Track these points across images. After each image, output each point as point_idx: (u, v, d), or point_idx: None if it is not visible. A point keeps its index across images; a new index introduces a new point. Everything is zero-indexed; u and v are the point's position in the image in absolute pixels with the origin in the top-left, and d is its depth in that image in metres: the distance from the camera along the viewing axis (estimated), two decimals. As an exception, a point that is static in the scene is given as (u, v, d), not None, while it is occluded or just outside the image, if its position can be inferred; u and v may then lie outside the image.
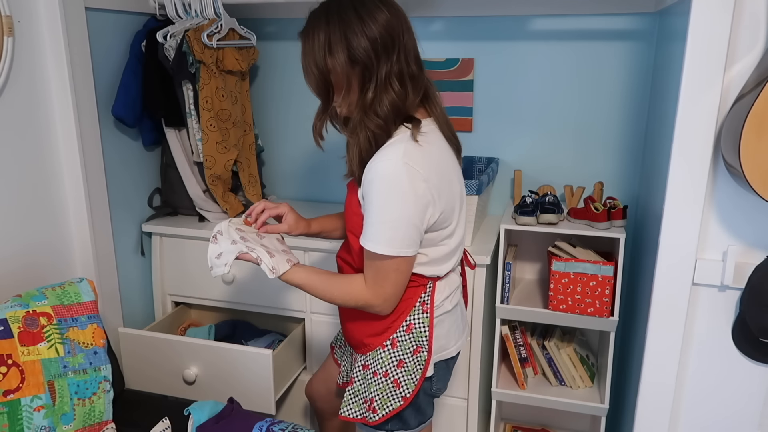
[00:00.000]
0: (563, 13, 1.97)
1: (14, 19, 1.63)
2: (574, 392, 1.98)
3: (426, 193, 1.21)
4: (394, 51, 1.20)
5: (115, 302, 2.04)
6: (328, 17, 1.19)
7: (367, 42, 1.18)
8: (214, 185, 2.06)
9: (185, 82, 1.98)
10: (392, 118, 1.23)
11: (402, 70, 1.23)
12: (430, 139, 1.26)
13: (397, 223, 1.20)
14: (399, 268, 1.25)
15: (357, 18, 1.18)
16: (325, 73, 1.22)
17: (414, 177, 1.19)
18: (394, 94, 1.22)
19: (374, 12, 1.19)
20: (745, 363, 1.48)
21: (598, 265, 1.78)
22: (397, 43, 1.21)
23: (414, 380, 1.35)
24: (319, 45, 1.19)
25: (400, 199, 1.19)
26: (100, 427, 1.55)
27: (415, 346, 1.35)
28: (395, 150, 1.20)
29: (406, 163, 1.18)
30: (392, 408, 1.35)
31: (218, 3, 1.97)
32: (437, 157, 1.27)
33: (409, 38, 1.24)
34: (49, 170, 1.80)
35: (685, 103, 1.35)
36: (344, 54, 1.18)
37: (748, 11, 1.29)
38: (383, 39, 1.19)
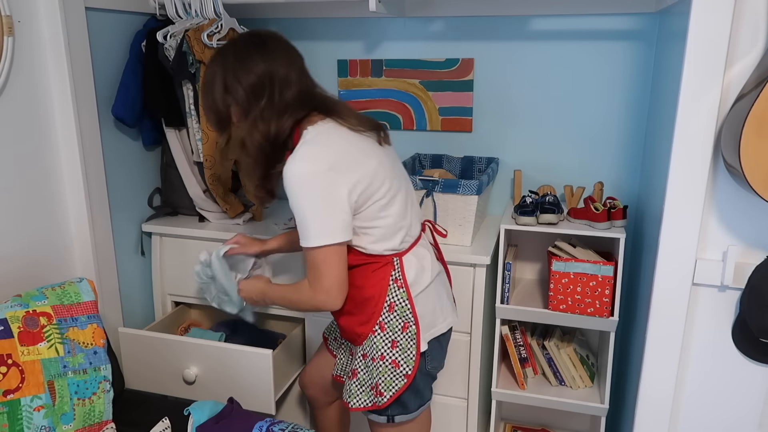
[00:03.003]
0: (563, 13, 1.97)
1: (14, 19, 1.63)
2: (574, 392, 1.99)
3: (335, 179, 1.30)
4: (263, 96, 1.35)
5: (115, 302, 2.04)
6: (222, 58, 1.38)
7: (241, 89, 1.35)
8: (214, 185, 2.06)
9: (185, 82, 1.98)
10: (265, 153, 1.39)
11: (275, 104, 1.37)
12: (329, 132, 1.36)
13: (316, 214, 1.30)
14: (328, 258, 1.32)
15: (238, 65, 1.35)
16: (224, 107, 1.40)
17: (319, 166, 1.29)
18: (260, 133, 1.37)
19: (250, 64, 1.35)
20: (745, 363, 1.48)
21: (598, 265, 1.78)
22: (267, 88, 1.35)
23: (411, 357, 1.41)
24: (217, 85, 1.38)
25: (308, 195, 1.30)
26: (100, 427, 1.55)
27: (402, 324, 1.42)
28: (300, 153, 1.32)
29: (310, 158, 1.30)
30: (397, 388, 1.41)
31: (218, 3, 1.97)
32: (340, 146, 1.35)
33: (288, 73, 1.36)
34: (49, 170, 1.80)
35: (685, 103, 1.35)
36: (223, 95, 1.38)
37: (748, 11, 1.29)
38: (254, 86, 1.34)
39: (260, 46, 1.35)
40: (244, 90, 1.34)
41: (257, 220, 2.18)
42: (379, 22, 2.16)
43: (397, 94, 2.20)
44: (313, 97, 1.41)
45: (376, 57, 2.19)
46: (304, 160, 1.30)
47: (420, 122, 2.21)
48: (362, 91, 2.24)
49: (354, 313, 1.45)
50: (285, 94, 1.35)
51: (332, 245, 1.31)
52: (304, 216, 1.31)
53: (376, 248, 1.40)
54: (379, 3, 1.81)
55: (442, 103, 2.16)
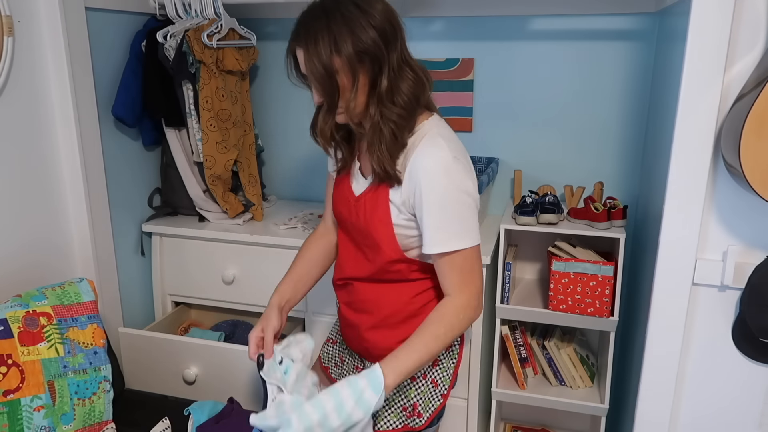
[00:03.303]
0: (563, 13, 1.97)
1: (14, 19, 1.63)
2: (574, 392, 1.98)
3: (472, 176, 1.21)
4: (397, 39, 1.18)
5: (115, 302, 2.04)
6: (328, 16, 1.14)
7: (375, 32, 1.14)
8: (214, 185, 2.06)
9: (185, 82, 1.98)
10: (412, 108, 1.21)
11: (407, 58, 1.22)
12: (449, 129, 1.26)
13: (465, 211, 1.19)
14: (479, 257, 1.23)
15: (360, 12, 1.14)
16: (332, 73, 1.16)
17: (461, 163, 1.19)
18: (410, 80, 1.20)
19: (373, 2, 1.16)
20: (745, 363, 1.48)
21: (598, 265, 1.78)
22: (398, 32, 1.19)
23: (448, 376, 1.37)
24: (324, 45, 1.13)
25: (459, 187, 1.18)
26: (100, 427, 1.55)
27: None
28: (436, 144, 1.18)
29: (453, 153, 1.18)
30: (434, 408, 1.35)
31: (218, 3, 1.96)
32: (462, 145, 1.26)
33: (403, 33, 1.22)
34: (49, 170, 1.80)
35: (685, 103, 1.35)
36: (352, 49, 1.13)
37: (748, 11, 1.29)
38: (388, 27, 1.16)
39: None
40: (377, 34, 1.14)
41: (257, 220, 2.18)
42: (379, 22, 2.15)
43: (397, 94, 2.20)
44: (424, 69, 1.28)
45: (376, 57, 2.19)
46: (445, 149, 1.17)
47: (420, 122, 2.20)
48: (362, 91, 2.23)
49: (396, 329, 1.32)
50: (406, 47, 1.21)
51: (479, 244, 1.22)
52: (452, 213, 1.18)
53: None
54: (379, 3, 1.81)
55: (442, 103, 2.16)
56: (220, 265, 2.10)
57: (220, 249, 2.08)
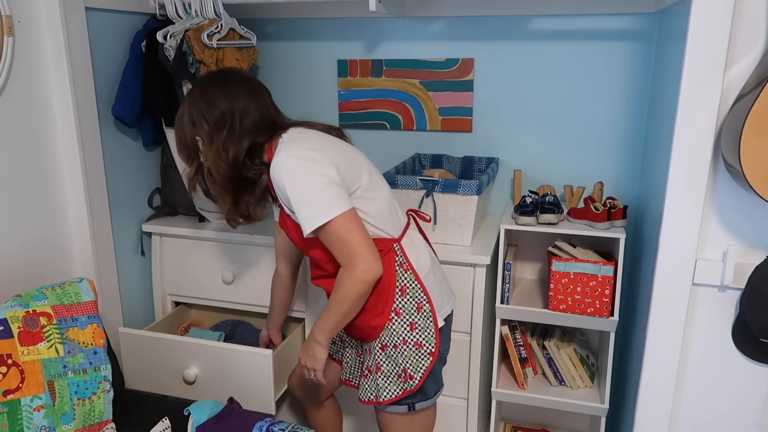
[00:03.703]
0: (563, 13, 1.97)
1: (14, 19, 1.63)
2: (574, 392, 1.99)
3: (320, 156, 1.36)
4: (224, 127, 1.43)
5: (115, 302, 2.04)
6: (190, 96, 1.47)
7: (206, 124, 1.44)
8: (214, 185, 2.06)
9: (185, 82, 1.98)
10: (232, 181, 1.46)
11: (236, 137, 1.44)
12: (302, 132, 1.46)
13: (316, 192, 1.33)
14: (347, 226, 1.34)
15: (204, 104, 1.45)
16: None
17: (302, 153, 1.35)
18: (224, 162, 1.44)
19: (215, 101, 1.44)
20: (745, 363, 1.48)
21: (598, 265, 1.78)
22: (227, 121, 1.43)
23: (431, 334, 1.47)
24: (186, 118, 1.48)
25: (300, 177, 1.34)
26: (100, 427, 1.55)
27: (416, 305, 1.46)
28: (279, 153, 1.37)
29: (291, 150, 1.36)
30: (425, 367, 1.47)
31: (218, 3, 1.96)
32: (317, 138, 1.44)
33: (247, 104, 1.44)
34: (49, 170, 1.80)
35: (685, 103, 1.35)
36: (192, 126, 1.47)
37: (748, 11, 1.29)
38: (217, 119, 1.43)
39: (222, 82, 1.45)
40: (209, 124, 1.43)
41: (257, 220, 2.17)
42: (379, 22, 2.16)
43: (397, 94, 2.20)
44: (275, 123, 1.49)
45: (376, 57, 2.19)
46: (288, 150, 1.36)
47: (420, 122, 2.21)
48: (362, 91, 2.24)
49: (368, 308, 1.46)
50: (245, 121, 1.43)
51: (344, 213, 1.34)
52: (304, 198, 1.34)
53: (376, 231, 1.44)
54: (379, 3, 1.81)
55: (442, 103, 2.16)
56: (220, 265, 2.10)
57: (220, 249, 2.08)
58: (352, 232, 1.34)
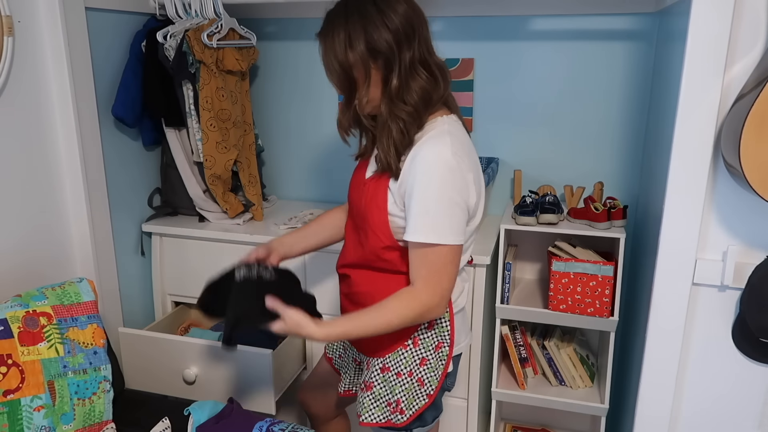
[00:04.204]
0: (563, 13, 1.97)
1: (14, 19, 1.63)
2: (574, 392, 1.98)
3: (472, 176, 1.23)
4: (414, 39, 1.21)
5: (115, 302, 2.04)
6: (347, 13, 1.20)
7: (388, 33, 1.18)
8: (214, 185, 2.06)
9: (185, 82, 1.98)
10: (422, 106, 1.23)
11: (425, 58, 1.24)
12: (462, 132, 1.29)
13: (454, 209, 1.20)
14: (454, 259, 1.22)
15: (377, 11, 1.18)
16: (347, 68, 1.21)
17: (462, 166, 1.21)
18: (422, 80, 1.22)
19: (394, 4, 1.20)
20: (745, 363, 1.48)
21: (598, 265, 1.78)
22: (417, 33, 1.21)
23: (437, 377, 1.36)
24: (339, 41, 1.19)
25: (454, 186, 1.19)
26: (100, 427, 1.55)
27: (436, 343, 1.36)
28: (442, 140, 1.21)
29: (456, 153, 1.20)
30: (419, 407, 1.35)
31: (218, 3, 1.97)
32: (473, 152, 1.30)
33: (426, 32, 1.25)
34: (49, 170, 1.80)
35: (685, 103, 1.35)
36: (364, 46, 1.18)
37: (748, 11, 1.29)
38: (404, 28, 1.19)
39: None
40: (392, 31, 1.18)
41: (257, 220, 2.18)
42: (379, 22, 2.15)
43: (397, 94, 2.20)
44: (447, 74, 1.30)
45: (376, 57, 2.19)
46: (448, 146, 1.19)
47: (420, 122, 2.20)
48: (362, 91, 2.23)
49: None
50: (430, 43, 1.24)
51: (456, 246, 1.22)
52: (433, 205, 1.19)
53: None
54: (379, 3, 1.81)
55: (442, 103, 2.16)
56: (220, 265, 2.09)
57: (220, 249, 2.08)
58: (450, 265, 1.22)
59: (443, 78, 1.27)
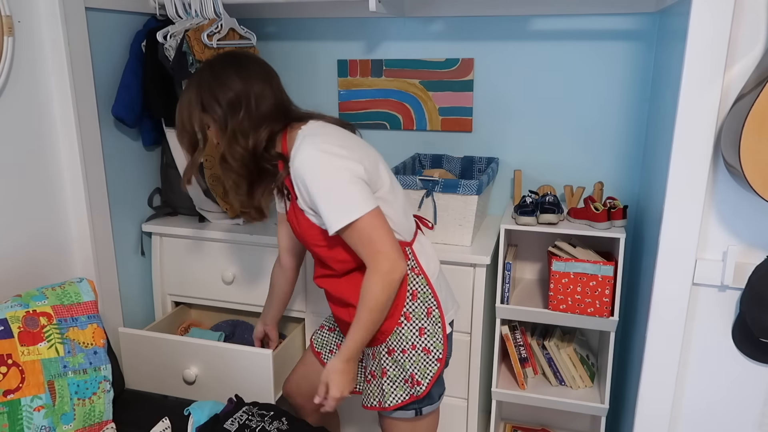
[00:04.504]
0: (563, 13, 1.97)
1: (14, 19, 1.63)
2: (574, 392, 1.99)
3: (346, 153, 1.32)
4: (240, 110, 1.36)
5: (115, 302, 2.04)
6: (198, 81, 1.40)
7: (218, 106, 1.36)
8: (214, 185, 2.06)
9: (185, 82, 1.98)
10: (248, 167, 1.39)
11: (245, 125, 1.37)
12: (324, 126, 1.41)
13: (349, 185, 1.29)
14: (377, 222, 1.31)
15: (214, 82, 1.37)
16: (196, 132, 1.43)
17: (328, 148, 1.31)
18: (241, 147, 1.37)
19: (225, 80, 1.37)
20: (745, 363, 1.48)
21: (598, 265, 1.78)
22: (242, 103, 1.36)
23: (439, 340, 1.44)
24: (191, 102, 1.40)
25: (336, 167, 1.29)
26: (100, 427, 1.55)
27: (426, 309, 1.44)
28: (303, 145, 1.32)
29: (319, 144, 1.31)
30: (433, 373, 1.44)
31: (218, 3, 1.97)
32: (340, 134, 1.40)
33: (263, 88, 1.38)
34: (49, 170, 1.80)
35: (685, 103, 1.35)
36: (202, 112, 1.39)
37: (748, 11, 1.29)
38: (231, 101, 1.36)
39: (236, 64, 1.39)
40: (222, 107, 1.36)
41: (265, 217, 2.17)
42: (379, 22, 2.16)
43: (397, 94, 2.20)
44: (288, 111, 1.44)
45: (376, 57, 2.19)
46: (314, 144, 1.31)
47: (420, 122, 2.21)
48: (362, 91, 2.24)
49: None
50: (261, 106, 1.37)
51: (371, 211, 1.30)
52: (331, 194, 1.29)
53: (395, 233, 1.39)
54: (379, 3, 1.81)
55: (442, 103, 2.16)
56: (220, 265, 2.10)
57: (220, 249, 2.08)
58: (378, 229, 1.30)
59: (267, 119, 1.39)
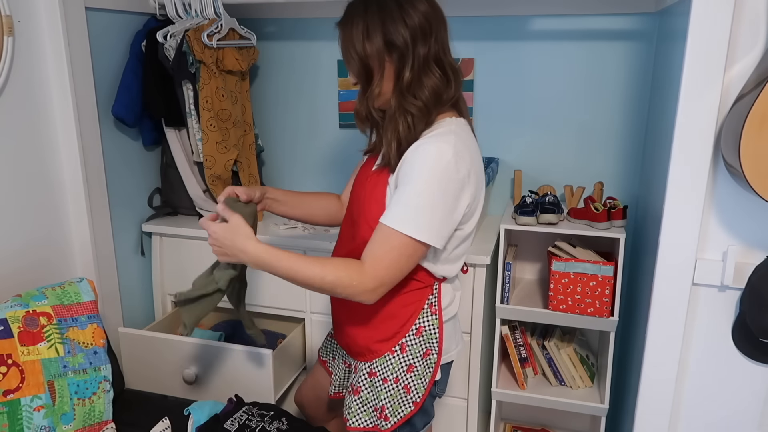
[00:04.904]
0: (563, 13, 1.97)
1: (14, 19, 1.63)
2: (574, 392, 1.98)
3: (464, 189, 1.22)
4: (431, 37, 1.22)
5: (115, 302, 2.04)
6: (367, 6, 1.22)
7: (405, 28, 1.20)
8: (214, 185, 2.06)
9: (185, 82, 1.98)
10: (432, 104, 1.24)
11: (440, 57, 1.25)
12: (469, 136, 1.29)
13: (435, 209, 1.19)
14: (412, 254, 1.20)
15: (396, 6, 1.21)
16: (363, 58, 1.23)
17: (461, 167, 1.19)
18: (435, 78, 1.23)
19: (415, 1, 1.21)
20: (745, 363, 1.48)
21: (598, 265, 1.78)
22: (434, 32, 1.22)
23: (424, 384, 1.35)
24: (357, 32, 1.22)
25: (445, 187, 1.18)
26: (100, 427, 1.55)
27: (424, 350, 1.35)
28: (446, 138, 1.20)
29: (458, 153, 1.19)
30: (404, 414, 1.34)
31: (218, 3, 1.97)
32: (477, 157, 1.28)
33: (444, 33, 1.26)
34: (49, 170, 1.80)
35: (685, 103, 1.35)
36: (381, 39, 1.20)
37: (748, 11, 1.29)
38: (422, 26, 1.20)
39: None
40: (409, 27, 1.20)
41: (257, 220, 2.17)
42: (379, 22, 2.15)
43: (397, 94, 2.20)
44: (460, 76, 1.31)
45: (376, 57, 2.19)
46: (452, 146, 1.18)
47: (420, 122, 2.20)
48: (362, 91, 2.24)
49: (375, 328, 1.35)
50: (448, 54, 1.26)
51: (420, 242, 1.19)
52: (419, 198, 1.17)
53: (433, 268, 1.31)
54: (379, 3, 1.81)
55: (442, 103, 2.16)
56: (220, 265, 2.10)
57: (220, 249, 2.08)
58: (404, 258, 1.19)
59: (456, 79, 1.28)
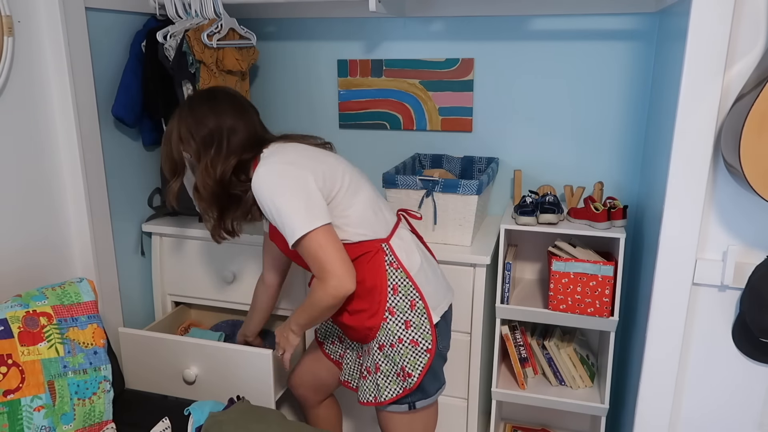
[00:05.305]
0: (563, 13, 1.97)
1: (14, 19, 1.63)
2: (574, 392, 1.99)
3: (294, 168, 1.39)
4: (212, 145, 1.46)
5: (115, 302, 2.04)
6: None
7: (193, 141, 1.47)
8: (214, 185, 2.06)
9: (185, 82, 1.98)
10: (216, 191, 1.48)
11: (214, 159, 1.46)
12: (283, 146, 1.49)
13: (299, 201, 1.36)
14: (325, 239, 1.36)
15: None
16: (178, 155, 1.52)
17: (276, 167, 1.39)
18: (209, 177, 1.46)
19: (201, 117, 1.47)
20: (745, 363, 1.48)
21: (598, 265, 1.78)
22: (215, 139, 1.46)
23: (427, 331, 1.48)
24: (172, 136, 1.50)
25: (279, 191, 1.36)
26: (100, 427, 1.55)
27: (409, 303, 1.48)
28: (262, 165, 1.41)
29: (275, 162, 1.40)
30: (423, 364, 1.48)
31: (218, 3, 1.97)
32: (296, 150, 1.47)
33: (235, 123, 1.47)
34: (49, 170, 1.80)
35: (685, 103, 1.35)
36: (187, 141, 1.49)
37: (748, 11, 1.29)
38: (205, 138, 1.46)
39: (211, 100, 1.48)
40: (196, 142, 1.46)
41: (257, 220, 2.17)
42: (379, 22, 2.16)
43: (397, 94, 2.20)
44: (263, 140, 1.51)
45: (376, 57, 2.19)
46: (266, 165, 1.40)
47: (420, 122, 2.21)
48: (362, 91, 2.24)
49: (362, 309, 1.48)
50: (232, 140, 1.46)
51: (318, 228, 1.36)
52: (281, 213, 1.36)
53: (360, 233, 1.46)
54: (379, 3, 1.81)
55: (442, 103, 2.16)
56: (220, 265, 2.10)
57: (220, 249, 2.08)
58: (324, 247, 1.36)
59: (229, 150, 1.47)
